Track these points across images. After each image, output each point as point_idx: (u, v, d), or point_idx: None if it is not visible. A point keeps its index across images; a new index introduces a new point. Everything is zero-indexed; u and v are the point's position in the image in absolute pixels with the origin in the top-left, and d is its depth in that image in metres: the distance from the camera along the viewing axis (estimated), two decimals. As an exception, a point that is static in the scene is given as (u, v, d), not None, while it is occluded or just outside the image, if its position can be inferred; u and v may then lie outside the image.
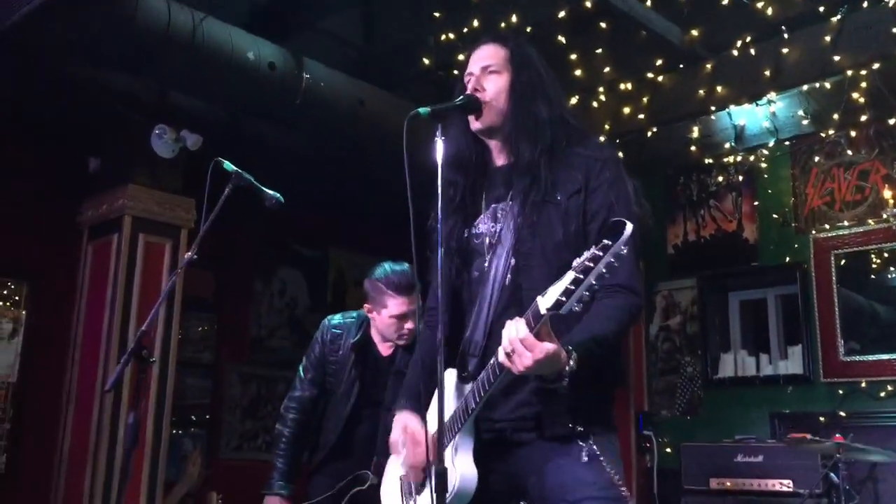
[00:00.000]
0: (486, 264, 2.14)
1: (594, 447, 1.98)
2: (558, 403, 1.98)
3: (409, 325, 3.30)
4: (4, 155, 5.34)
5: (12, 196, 5.36)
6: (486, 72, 2.21)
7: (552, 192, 2.07)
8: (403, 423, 2.17)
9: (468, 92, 2.20)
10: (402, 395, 2.30)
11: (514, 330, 1.81)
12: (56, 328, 5.39)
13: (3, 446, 5.28)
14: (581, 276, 1.69)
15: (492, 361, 1.94)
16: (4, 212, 5.31)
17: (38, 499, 5.12)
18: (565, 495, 1.96)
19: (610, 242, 1.68)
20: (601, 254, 1.68)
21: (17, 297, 5.50)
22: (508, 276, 2.08)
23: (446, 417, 2.05)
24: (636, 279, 2.04)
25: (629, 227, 1.70)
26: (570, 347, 1.84)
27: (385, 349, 3.43)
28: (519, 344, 1.79)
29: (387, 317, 3.31)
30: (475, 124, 2.19)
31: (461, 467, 2.01)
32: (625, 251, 1.69)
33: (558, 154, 2.12)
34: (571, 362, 1.83)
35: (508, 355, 1.82)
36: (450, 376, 2.13)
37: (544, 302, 1.74)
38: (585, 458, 1.97)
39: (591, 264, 1.68)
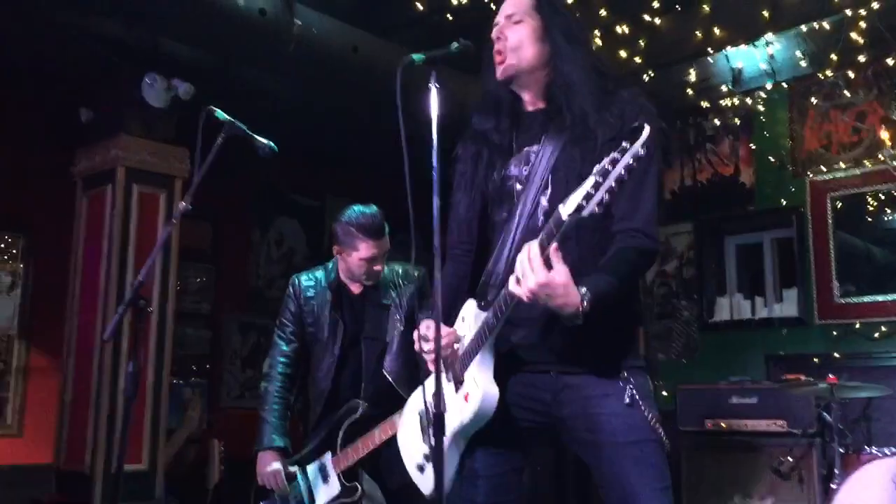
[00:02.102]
0: (516, 205, 2.16)
1: (634, 390, 2.02)
2: (594, 344, 2.01)
3: (377, 266, 3.38)
4: (-4, 107, 5.29)
5: (6, 149, 5.33)
6: (511, 21, 2.21)
7: (587, 134, 2.07)
8: (427, 323, 2.16)
9: (494, 42, 2.20)
10: (426, 309, 2.37)
11: (526, 252, 1.82)
12: (54, 280, 5.41)
13: (9, 398, 5.33)
14: (600, 180, 1.69)
15: (503, 290, 1.96)
16: (-2, 165, 5.29)
17: (43, 450, 5.20)
18: (612, 437, 2.01)
19: (628, 145, 1.69)
20: (619, 156, 1.68)
21: (14, 251, 5.51)
22: (540, 216, 2.09)
23: (466, 342, 2.11)
24: (653, 223, 2.05)
25: (647, 128, 1.70)
26: (584, 289, 1.85)
27: (355, 288, 3.49)
28: (527, 264, 1.81)
29: (357, 259, 3.35)
30: (498, 73, 2.20)
31: (483, 385, 2.05)
32: (643, 153, 1.69)
33: (590, 101, 2.11)
34: (585, 303, 1.84)
35: (518, 280, 1.84)
36: (470, 305, 2.17)
37: (566, 209, 1.74)
38: (627, 401, 2.01)
39: (610, 167, 1.69)
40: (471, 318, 2.14)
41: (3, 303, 5.44)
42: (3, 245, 5.47)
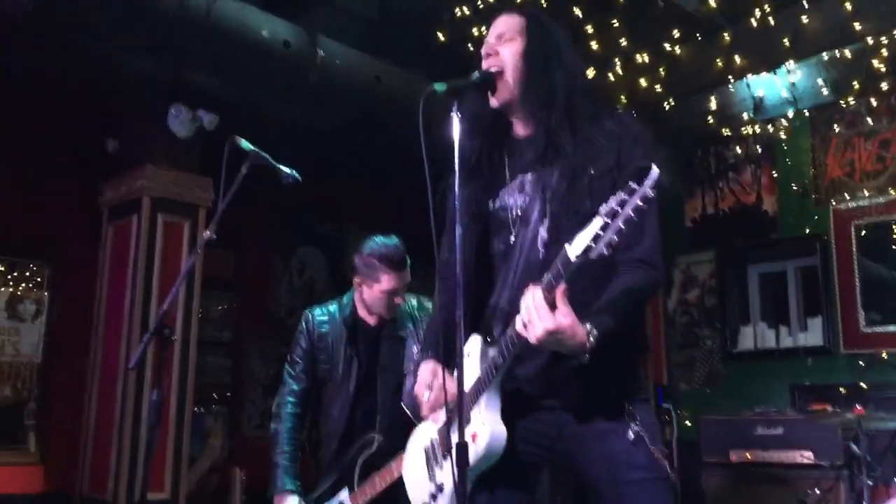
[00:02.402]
0: (513, 236, 2.13)
1: (638, 426, 1.99)
2: (597, 378, 1.98)
3: (398, 299, 3.33)
4: (25, 138, 5.38)
5: (34, 179, 5.41)
6: (501, 39, 2.19)
7: (584, 165, 2.05)
8: (432, 369, 2.15)
9: (483, 58, 2.18)
10: (426, 348, 2.30)
11: (530, 298, 1.81)
12: (79, 308, 5.45)
13: (32, 426, 5.36)
14: (608, 221, 1.67)
15: (509, 330, 1.95)
16: (26, 194, 5.37)
17: (65, 476, 5.21)
18: (615, 475, 1.98)
19: (636, 186, 1.67)
20: (628, 197, 1.66)
21: (39, 279, 5.57)
22: (541, 249, 2.06)
23: (472, 381, 2.07)
24: (657, 253, 2.03)
25: (655, 170, 1.67)
26: (590, 325, 1.84)
27: (371, 320, 3.43)
28: (534, 312, 1.79)
29: (378, 291, 3.30)
30: (493, 101, 2.17)
31: (490, 425, 2.02)
32: (652, 194, 1.66)
33: (583, 126, 2.10)
34: (591, 338, 1.83)
35: (525, 325, 1.82)
36: (475, 341, 2.13)
37: (573, 249, 1.72)
38: (631, 437, 1.98)
39: (619, 208, 1.67)
40: (476, 354, 2.11)
41: (28, 330, 5.49)
42: (28, 273, 5.53)
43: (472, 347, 2.12)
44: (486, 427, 2.02)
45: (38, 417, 5.37)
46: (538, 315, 1.79)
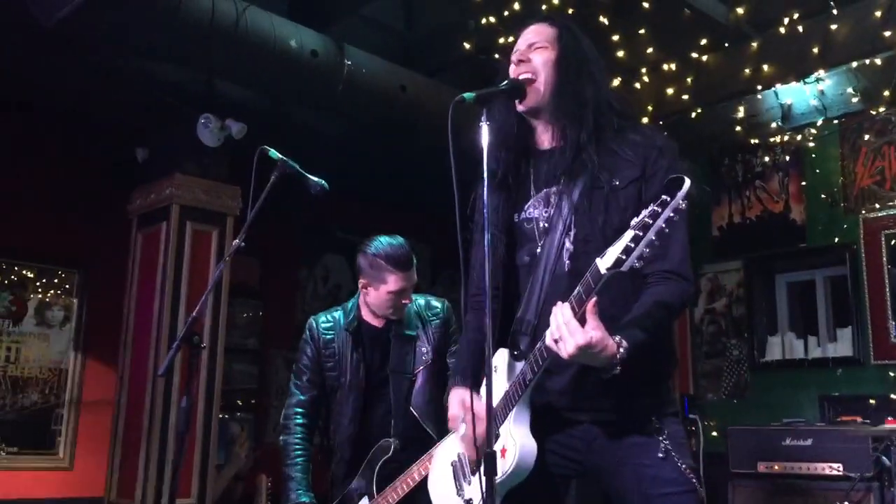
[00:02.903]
0: (539, 249, 2.13)
1: (667, 440, 1.98)
2: (626, 393, 1.98)
3: (405, 300, 3.25)
4: (56, 147, 5.47)
5: (64, 187, 5.49)
6: (533, 48, 2.19)
7: (608, 177, 2.05)
8: (461, 398, 2.13)
9: (513, 64, 2.19)
10: (455, 374, 2.29)
11: (560, 314, 1.80)
12: (107, 315, 5.52)
13: (61, 431, 5.43)
14: (641, 234, 1.67)
15: (539, 344, 1.95)
16: (56, 202, 5.45)
17: (95, 483, 5.27)
18: (645, 489, 1.98)
19: (668, 198, 1.67)
20: (660, 209, 1.66)
21: (68, 286, 5.64)
22: (567, 261, 2.06)
23: (500, 395, 2.06)
24: (687, 264, 2.03)
25: (687, 182, 1.68)
26: (619, 337, 1.83)
27: (377, 322, 3.35)
28: (564, 329, 1.79)
29: (385, 292, 3.22)
30: (520, 106, 2.17)
31: (520, 440, 2.02)
32: (684, 206, 1.66)
33: (609, 138, 2.10)
34: (622, 350, 1.82)
35: (556, 340, 1.82)
36: (502, 355, 2.13)
37: (604, 262, 1.72)
38: (661, 455, 1.97)
39: (651, 220, 1.67)
40: (504, 368, 2.10)
41: (56, 337, 5.57)
42: (57, 280, 5.61)
43: (500, 361, 2.12)
44: (516, 442, 2.01)
45: (67, 423, 5.43)
46: (569, 331, 1.79)
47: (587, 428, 2.05)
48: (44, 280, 5.55)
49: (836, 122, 5.76)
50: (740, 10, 4.96)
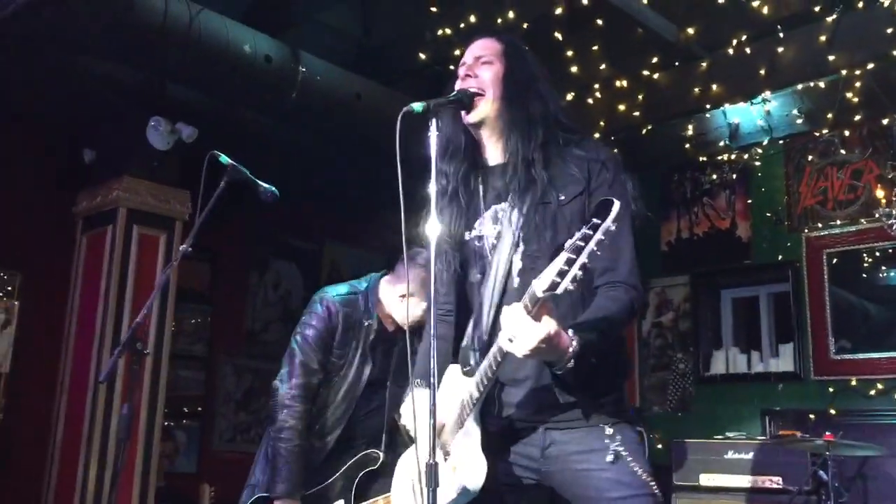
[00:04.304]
0: (489, 266, 2.15)
1: (621, 446, 2.01)
2: (578, 401, 2.01)
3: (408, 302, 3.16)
4: (0, 147, 5.33)
5: (7, 187, 5.36)
6: (479, 62, 2.22)
7: (553, 192, 2.08)
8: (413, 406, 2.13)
9: (460, 79, 2.21)
10: (415, 376, 2.27)
11: (514, 314, 1.82)
12: (50, 319, 5.39)
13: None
14: (573, 256, 1.69)
15: (493, 349, 1.95)
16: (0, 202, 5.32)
17: (31, 489, 5.13)
18: (601, 493, 2.00)
19: (599, 221, 1.70)
20: (591, 232, 1.69)
21: (10, 288, 5.50)
22: (516, 277, 2.09)
23: (454, 413, 2.07)
24: (636, 274, 2.07)
25: (617, 204, 1.71)
26: (572, 331, 1.86)
27: (389, 326, 3.30)
28: (519, 327, 1.80)
29: (398, 296, 3.21)
30: (467, 117, 2.19)
31: (469, 458, 2.02)
32: (614, 228, 1.70)
33: (555, 153, 2.13)
34: (574, 344, 1.85)
35: (511, 340, 1.83)
36: (452, 371, 2.14)
37: (540, 284, 1.75)
38: (614, 459, 2.00)
39: (583, 243, 1.69)
40: (454, 385, 2.11)
41: (-4, 340, 5.42)
42: (-1, 282, 5.48)
43: (450, 378, 2.12)
44: (467, 460, 2.02)
45: (3, 429, 5.29)
46: (524, 327, 1.80)
47: (542, 435, 2.07)
48: (-16, 281, 5.42)
49: (781, 142, 5.90)
50: (690, 31, 5.05)
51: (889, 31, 4.57)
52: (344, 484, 3.15)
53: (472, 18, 4.90)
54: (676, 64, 5.33)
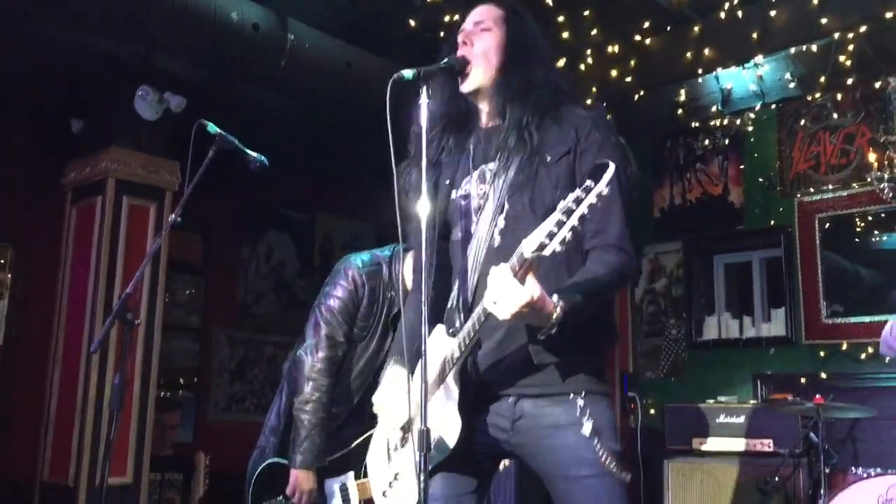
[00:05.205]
0: (474, 225, 2.14)
1: (591, 421, 1.99)
2: (553, 364, 1.99)
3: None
4: (-13, 117, 5.29)
5: (-5, 159, 5.32)
6: (478, 27, 2.20)
7: (542, 152, 2.07)
8: (396, 376, 2.16)
9: (459, 45, 2.19)
10: (391, 353, 2.31)
11: (499, 276, 1.80)
12: (42, 290, 5.39)
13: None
14: (564, 218, 1.68)
15: (477, 309, 1.94)
16: (-13, 175, 5.27)
17: (27, 459, 5.15)
18: (563, 471, 2.00)
19: (592, 183, 1.68)
20: (584, 195, 1.68)
21: (2, 261, 5.48)
22: (498, 237, 2.07)
23: (435, 371, 2.06)
24: (627, 238, 2.04)
25: (611, 167, 1.70)
26: (557, 296, 1.84)
27: None
28: (503, 289, 1.79)
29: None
30: (463, 86, 2.18)
31: (444, 415, 2.02)
32: (607, 191, 1.68)
33: (550, 116, 2.11)
34: (558, 310, 1.83)
35: (495, 303, 1.82)
36: (438, 332, 2.13)
37: (528, 245, 1.73)
38: (583, 433, 1.98)
39: (574, 206, 1.68)
40: (439, 345, 2.09)
41: (-11, 313, 5.41)
42: (-9, 256, 5.45)
43: (436, 338, 2.12)
44: (443, 419, 2.02)
45: (-1, 401, 5.29)
46: (509, 290, 1.79)
47: (512, 404, 2.06)
48: (-22, 256, 5.39)
49: (773, 107, 5.87)
50: (683, -6, 5.02)
51: (882, -7, 4.54)
52: (355, 457, 3.13)
53: (462, -16, 4.84)
54: (668, 28, 5.30)
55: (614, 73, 5.49)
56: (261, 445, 3.35)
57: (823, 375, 5.47)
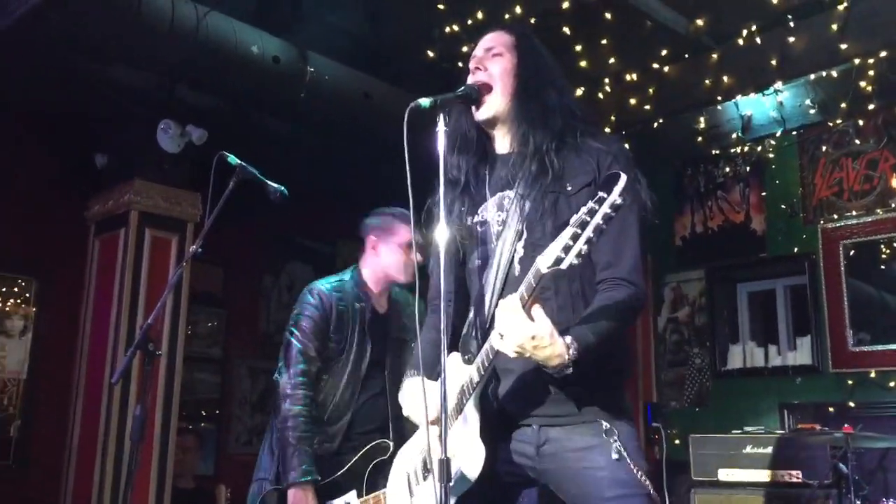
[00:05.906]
0: (492, 252, 2.13)
1: (618, 443, 1.97)
2: (574, 395, 1.98)
3: (413, 256, 3.22)
4: (13, 152, 5.36)
5: (21, 193, 5.39)
6: (490, 54, 2.21)
7: (562, 181, 2.06)
8: (416, 390, 2.14)
9: (471, 72, 2.20)
10: (410, 367, 2.30)
11: (507, 307, 1.79)
12: (65, 323, 5.43)
13: (14, 439, 5.31)
14: (578, 231, 1.67)
15: (487, 343, 1.94)
16: (13, 209, 5.34)
17: (49, 491, 5.16)
18: (599, 492, 1.96)
19: (605, 195, 1.67)
20: (597, 206, 1.67)
21: (27, 294, 5.53)
22: (517, 264, 2.06)
23: (453, 399, 2.05)
24: (638, 272, 2.02)
25: (623, 177, 1.68)
26: (570, 338, 1.83)
27: (381, 307, 3.35)
28: (510, 322, 1.78)
29: (396, 245, 3.29)
30: (477, 114, 2.18)
31: (468, 445, 2.00)
32: (620, 201, 1.67)
33: (569, 144, 2.11)
34: (572, 351, 1.82)
35: (501, 336, 1.81)
36: (454, 359, 2.12)
37: (544, 260, 1.72)
38: (615, 457, 1.96)
39: (588, 217, 1.67)
40: (455, 373, 2.08)
41: (14, 347, 5.44)
42: (16, 289, 5.50)
43: (451, 366, 2.10)
44: (465, 448, 2.00)
45: (22, 432, 5.31)
46: (514, 323, 1.78)
47: (537, 432, 2.04)
48: (3, 289, 5.44)
49: (794, 133, 5.85)
50: (700, 22, 5.01)
51: (902, 17, 4.52)
52: (355, 474, 3.15)
53: (480, 15, 4.88)
54: (686, 56, 5.29)
55: (633, 101, 5.49)
56: (258, 478, 3.31)
57: (851, 404, 5.37)
